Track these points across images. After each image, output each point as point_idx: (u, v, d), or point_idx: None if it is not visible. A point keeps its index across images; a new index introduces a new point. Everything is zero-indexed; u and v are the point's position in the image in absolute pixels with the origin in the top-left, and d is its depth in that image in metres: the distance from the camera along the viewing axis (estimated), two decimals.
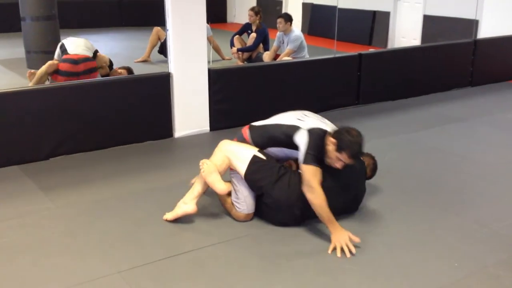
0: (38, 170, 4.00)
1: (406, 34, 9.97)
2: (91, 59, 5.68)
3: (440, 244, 3.00)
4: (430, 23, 9.41)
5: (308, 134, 3.05)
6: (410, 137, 4.88)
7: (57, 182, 3.79)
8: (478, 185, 3.87)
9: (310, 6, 11.53)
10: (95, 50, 5.88)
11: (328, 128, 3.12)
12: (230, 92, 5.03)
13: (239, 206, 3.19)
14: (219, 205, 3.33)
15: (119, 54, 6.47)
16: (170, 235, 3.05)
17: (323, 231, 3.05)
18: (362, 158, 3.36)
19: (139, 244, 2.95)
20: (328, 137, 3.02)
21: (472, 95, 6.52)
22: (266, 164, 3.12)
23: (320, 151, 3.01)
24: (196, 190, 3.17)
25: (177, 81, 4.67)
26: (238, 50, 7.55)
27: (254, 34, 7.54)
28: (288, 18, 6.87)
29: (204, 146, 4.59)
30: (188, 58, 4.68)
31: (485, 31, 8.18)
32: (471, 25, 7.95)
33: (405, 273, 2.71)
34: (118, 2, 12.02)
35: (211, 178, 3.11)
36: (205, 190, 3.20)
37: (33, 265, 2.74)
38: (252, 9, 7.63)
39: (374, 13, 10.29)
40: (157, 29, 7.67)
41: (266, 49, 7.56)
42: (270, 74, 5.38)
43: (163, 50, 7.13)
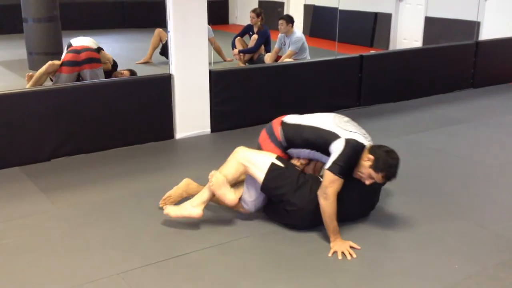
0: (39, 171, 4.01)
1: (407, 35, 9.96)
2: (93, 50, 5.70)
3: (440, 245, 3.00)
4: (432, 25, 9.41)
5: (345, 144, 2.95)
6: (412, 139, 4.88)
7: (58, 183, 3.80)
8: (479, 186, 3.86)
9: (311, 8, 11.53)
10: (99, 47, 5.92)
11: (366, 141, 3.04)
12: (231, 93, 5.03)
13: (247, 206, 3.17)
14: (219, 206, 3.33)
15: (121, 55, 6.48)
16: (171, 237, 3.05)
17: (323, 233, 3.04)
18: None
19: (140, 245, 2.96)
20: (366, 152, 2.96)
21: (473, 97, 6.51)
22: (285, 171, 3.07)
23: (350, 164, 2.97)
24: (205, 195, 3.12)
25: (178, 82, 4.68)
26: (240, 51, 7.55)
27: (255, 36, 7.55)
28: (289, 20, 6.88)
29: (205, 148, 4.60)
30: (189, 59, 4.69)
31: (486, 33, 8.17)
32: (473, 26, 7.95)
33: (405, 274, 2.71)
34: (121, 3, 12.05)
35: (221, 191, 3.08)
36: (212, 198, 3.16)
37: (34, 266, 2.75)
38: (253, 10, 7.63)
39: (375, 14, 10.29)
40: (158, 30, 7.68)
41: (268, 50, 7.56)
42: (272, 75, 5.38)
43: (165, 51, 7.14)
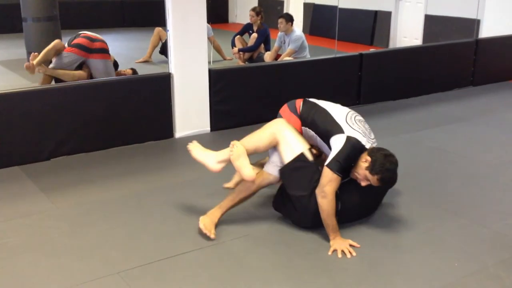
0: (39, 170, 4.01)
1: (407, 34, 9.96)
2: (105, 42, 5.78)
3: (440, 244, 3.00)
4: (432, 23, 9.40)
5: (345, 142, 2.95)
6: (411, 137, 4.88)
7: (58, 182, 3.80)
8: (479, 184, 3.86)
9: (311, 6, 11.52)
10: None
11: (368, 143, 3.03)
12: (231, 92, 5.03)
13: (275, 168, 3.11)
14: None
15: (121, 54, 6.48)
16: (170, 236, 3.05)
17: (322, 232, 3.04)
18: None
19: (140, 244, 2.96)
20: (365, 154, 2.95)
21: (473, 95, 6.51)
22: (308, 168, 3.03)
23: (349, 162, 2.97)
24: (227, 156, 3.13)
25: (177, 81, 4.68)
26: (239, 50, 7.55)
27: (255, 34, 7.55)
28: (289, 18, 6.88)
29: (204, 147, 4.58)
30: (188, 58, 4.68)
31: (486, 31, 8.17)
32: (473, 24, 7.95)
33: (404, 273, 2.71)
34: (120, 2, 12.03)
35: (239, 163, 3.05)
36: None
37: (33, 265, 2.75)
38: (253, 9, 7.63)
39: (375, 13, 10.29)
40: (158, 29, 7.68)
41: (267, 49, 7.56)
42: (271, 74, 5.38)
43: (164, 50, 7.13)
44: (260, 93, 5.23)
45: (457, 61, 6.74)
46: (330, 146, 3.04)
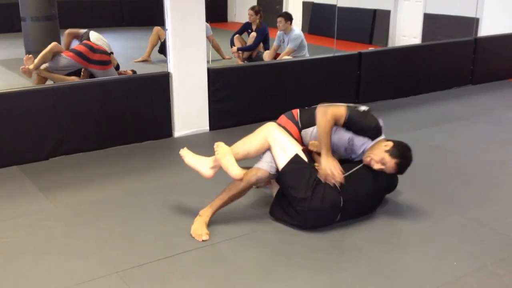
0: (38, 170, 4.01)
1: (406, 32, 9.96)
2: (107, 53, 5.87)
3: (439, 242, 2.99)
4: (431, 22, 9.40)
5: (368, 110, 3.16)
6: (410, 135, 4.86)
7: (56, 182, 3.79)
8: (478, 183, 3.86)
9: (310, 5, 11.52)
10: (111, 52, 6.13)
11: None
12: (230, 91, 5.02)
13: (265, 164, 3.09)
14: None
15: (120, 53, 6.48)
16: (169, 235, 3.04)
17: (322, 231, 3.05)
18: None
19: (139, 244, 2.95)
20: (384, 139, 3.11)
21: (472, 94, 6.51)
22: (304, 168, 3.02)
23: (361, 125, 3.09)
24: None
25: (176, 80, 4.67)
26: (238, 49, 7.55)
27: (254, 34, 7.55)
28: (288, 17, 6.87)
29: (204, 146, 4.57)
30: (187, 57, 4.68)
31: (485, 29, 8.17)
32: (472, 23, 7.94)
33: (403, 271, 2.71)
34: (119, 1, 12.02)
35: (225, 161, 3.05)
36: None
37: (32, 265, 2.74)
38: (252, 8, 7.63)
39: (374, 11, 10.29)
40: (157, 28, 7.67)
41: (266, 48, 7.56)
42: (270, 73, 5.37)
43: (163, 49, 7.12)
44: (259, 92, 5.22)
45: (456, 59, 6.74)
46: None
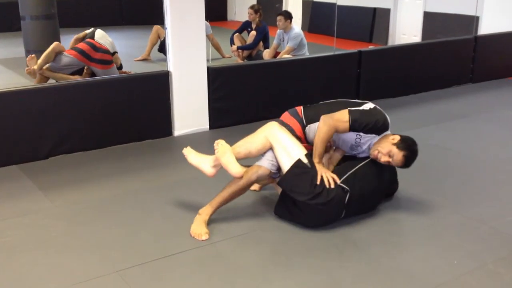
0: (37, 169, 4.01)
1: (406, 31, 9.95)
2: (109, 53, 5.92)
3: (439, 241, 2.99)
4: (431, 20, 9.39)
5: (374, 107, 3.21)
6: (410, 134, 4.79)
7: (56, 181, 3.79)
8: (478, 182, 3.86)
9: (310, 4, 11.51)
10: (115, 51, 6.20)
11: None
12: (230, 90, 5.02)
13: (266, 162, 3.08)
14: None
15: (120, 52, 6.46)
16: (169, 234, 3.04)
17: (321, 230, 3.04)
18: None
19: (139, 243, 2.95)
20: (391, 134, 3.17)
21: (472, 92, 6.51)
22: (307, 174, 3.00)
23: (366, 125, 3.11)
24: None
25: (176, 79, 4.67)
26: (238, 48, 7.54)
27: (254, 32, 7.54)
28: (288, 16, 6.86)
29: (203, 145, 4.57)
30: (187, 56, 4.67)
31: (485, 28, 8.15)
32: (472, 21, 7.93)
33: (403, 270, 2.70)
34: (119, 0, 12.01)
35: (225, 160, 3.05)
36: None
37: (32, 264, 2.74)
38: (251, 7, 7.62)
39: (374, 10, 10.28)
40: (157, 27, 7.67)
41: (266, 47, 7.56)
42: (270, 72, 5.37)
43: (163, 48, 7.12)
44: (259, 90, 5.22)
45: (456, 58, 6.74)
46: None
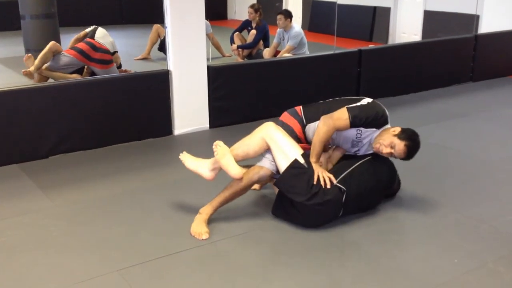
0: (38, 168, 4.00)
1: (406, 29, 9.95)
2: (109, 53, 5.92)
3: (439, 240, 2.99)
4: (431, 19, 9.39)
5: (372, 101, 3.21)
6: None
7: (56, 180, 3.79)
8: (479, 181, 3.85)
9: (310, 2, 11.51)
10: (115, 51, 6.21)
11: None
12: (230, 89, 5.01)
13: (266, 162, 3.08)
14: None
15: (119, 51, 6.46)
16: (169, 233, 3.04)
17: (321, 231, 3.04)
18: None
19: (139, 242, 2.95)
20: (391, 127, 3.16)
21: (473, 91, 6.50)
22: (304, 173, 3.00)
23: (366, 120, 3.09)
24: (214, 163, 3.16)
25: (176, 78, 4.67)
26: (238, 47, 7.53)
27: (254, 31, 7.53)
28: (288, 15, 6.86)
29: (204, 144, 4.58)
30: (187, 55, 4.67)
31: (486, 26, 8.16)
32: (472, 20, 7.93)
33: (403, 270, 2.70)
34: None
35: (224, 161, 3.05)
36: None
37: (32, 264, 2.74)
38: (251, 6, 7.61)
39: (374, 8, 10.28)
40: (156, 26, 7.66)
41: (266, 46, 7.55)
42: (270, 71, 5.37)
43: (163, 47, 7.12)
44: (259, 90, 5.21)
45: (456, 57, 6.73)
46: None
